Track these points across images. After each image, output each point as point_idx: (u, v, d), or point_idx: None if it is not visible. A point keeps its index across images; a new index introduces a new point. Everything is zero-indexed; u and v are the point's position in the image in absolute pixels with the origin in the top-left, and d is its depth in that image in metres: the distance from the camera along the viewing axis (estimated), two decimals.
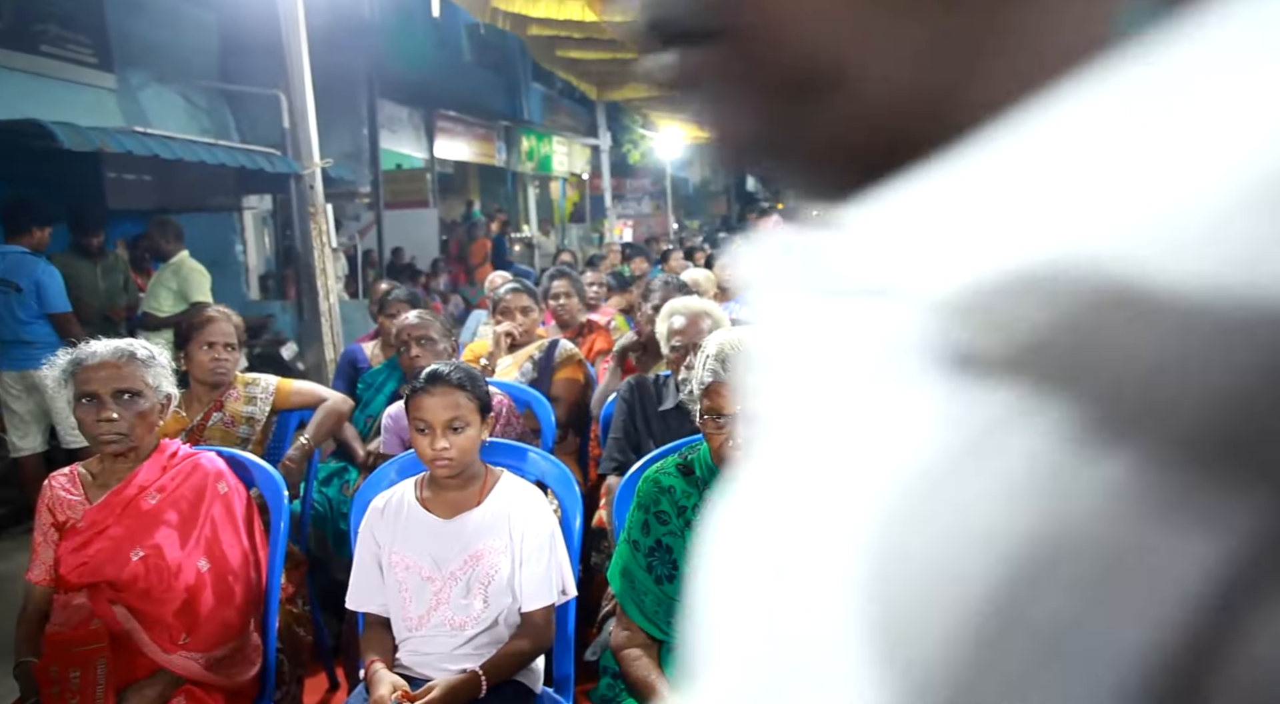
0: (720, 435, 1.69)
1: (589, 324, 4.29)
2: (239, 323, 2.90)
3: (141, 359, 2.03)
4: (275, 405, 2.92)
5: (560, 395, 3.37)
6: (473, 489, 1.98)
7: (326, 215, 4.20)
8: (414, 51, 10.13)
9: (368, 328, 8.04)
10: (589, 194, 18.39)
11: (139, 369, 2.02)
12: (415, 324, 2.77)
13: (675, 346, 2.64)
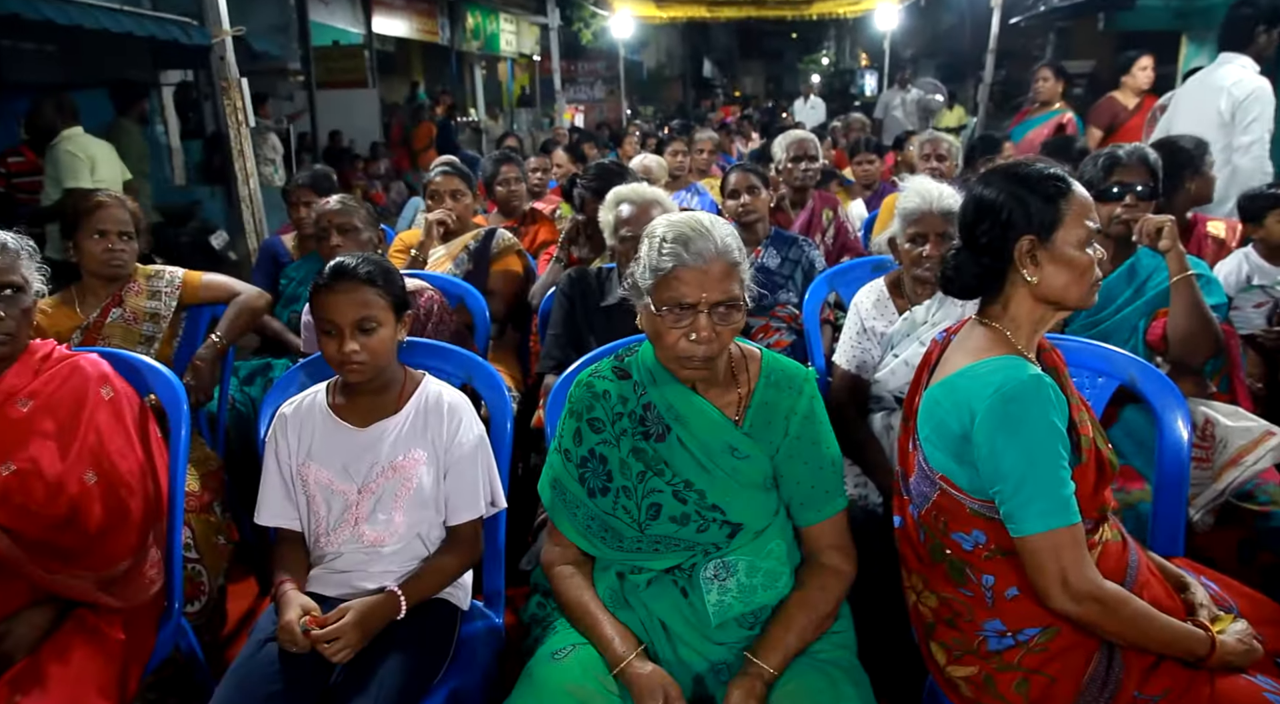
0: (679, 329, 1.51)
1: (532, 213, 4.05)
2: (135, 209, 2.61)
3: (16, 249, 1.77)
4: (183, 300, 2.67)
5: (497, 288, 3.17)
6: (390, 395, 1.80)
7: (242, 90, 3.81)
8: None
9: None
10: (539, 77, 17.56)
11: (17, 260, 1.77)
12: (335, 210, 2.52)
13: (625, 237, 2.44)
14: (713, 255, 1.52)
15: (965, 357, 1.54)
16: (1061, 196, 1.50)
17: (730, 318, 1.53)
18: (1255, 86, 3.63)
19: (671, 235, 1.53)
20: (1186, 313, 2.24)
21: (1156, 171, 2.43)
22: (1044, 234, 1.50)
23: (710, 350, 1.51)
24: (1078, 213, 1.50)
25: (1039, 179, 1.52)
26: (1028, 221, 1.50)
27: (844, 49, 30.24)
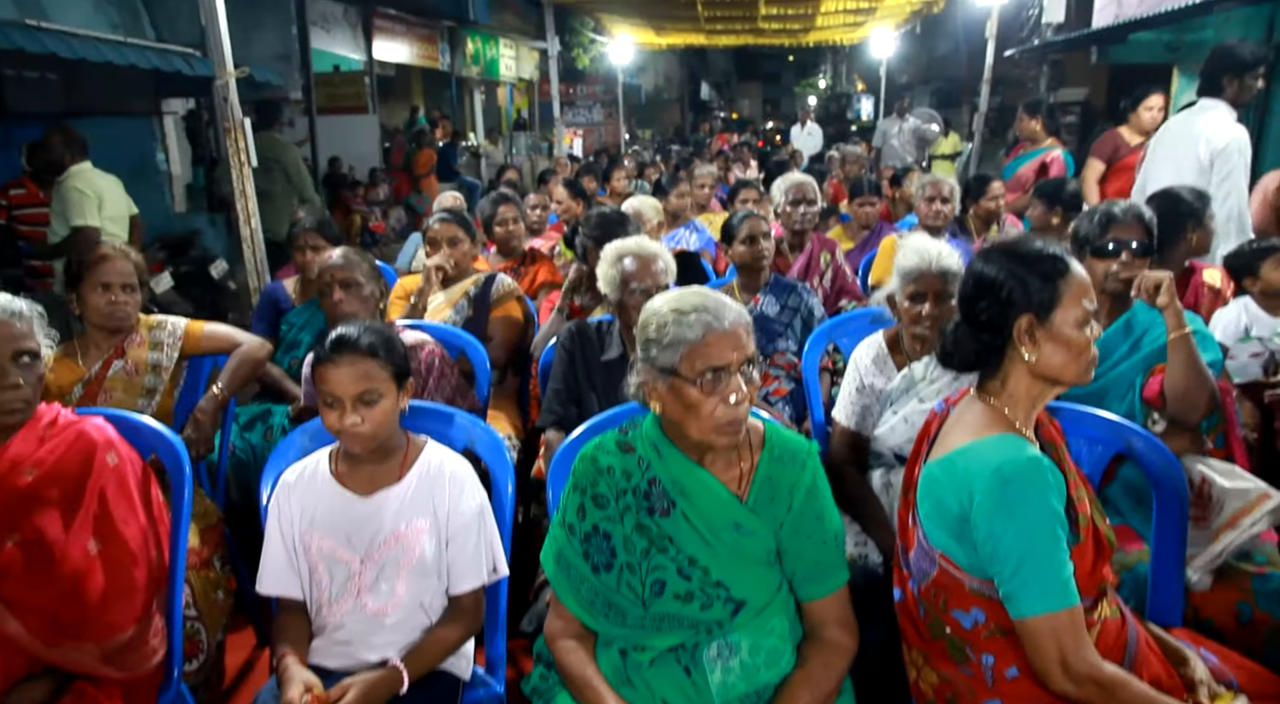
0: (716, 396, 1.50)
1: (531, 253, 4.07)
2: (138, 261, 2.63)
3: (31, 316, 1.79)
4: (185, 350, 2.69)
5: (497, 335, 3.18)
6: (392, 462, 1.80)
7: (245, 131, 3.83)
8: None
9: None
10: (538, 100, 17.67)
11: (33, 326, 1.78)
12: (338, 265, 2.53)
13: (634, 290, 2.44)
14: (734, 317, 1.55)
15: (964, 433, 1.56)
16: (1060, 277, 1.52)
17: (754, 375, 1.56)
18: (1233, 137, 3.67)
19: (688, 306, 1.54)
20: (1184, 371, 2.25)
21: (1152, 229, 2.46)
22: (1043, 313, 1.51)
23: (747, 410, 1.54)
24: (1076, 293, 1.52)
25: (1038, 259, 1.54)
26: (1027, 301, 1.52)
27: (840, 73, 30.48)
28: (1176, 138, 3.92)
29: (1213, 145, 3.67)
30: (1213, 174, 3.68)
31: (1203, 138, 3.71)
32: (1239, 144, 3.67)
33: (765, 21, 11.63)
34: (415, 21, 12.30)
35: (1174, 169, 3.83)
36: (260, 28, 8.65)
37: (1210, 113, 3.79)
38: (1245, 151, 3.69)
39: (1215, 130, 3.70)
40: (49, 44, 5.40)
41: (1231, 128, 3.72)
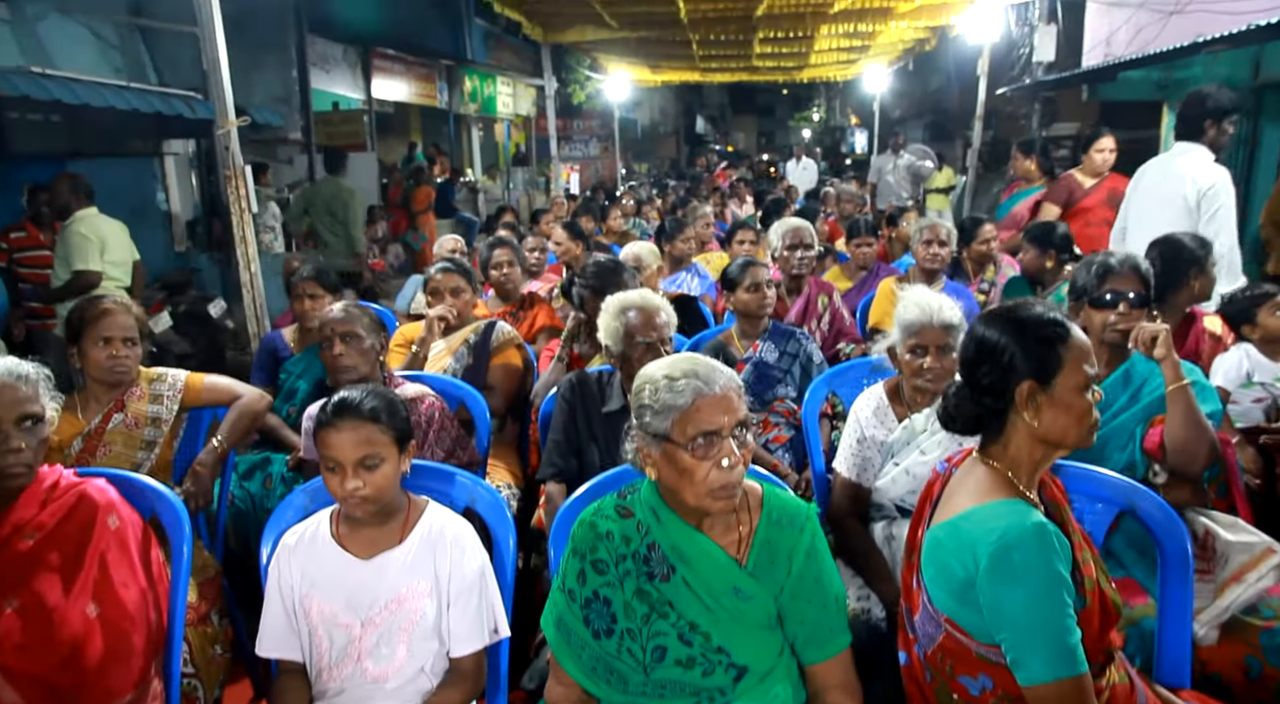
0: (709, 461, 1.50)
1: (530, 297, 4.08)
2: (139, 314, 2.63)
3: (37, 379, 1.79)
4: (184, 403, 2.68)
5: (497, 383, 3.18)
6: (393, 525, 1.80)
7: (245, 178, 3.86)
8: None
9: None
10: (534, 135, 17.84)
11: (38, 390, 1.78)
12: (339, 319, 2.53)
13: (639, 343, 2.44)
14: (724, 381, 1.55)
15: (968, 498, 1.56)
16: (1061, 343, 1.53)
17: (747, 439, 1.55)
18: (1218, 177, 3.73)
19: (679, 372, 1.55)
20: (1183, 423, 2.26)
21: (1149, 280, 2.48)
22: (1045, 379, 1.52)
23: (742, 473, 1.53)
24: (1077, 358, 1.53)
25: (1040, 324, 1.55)
26: (1029, 366, 1.53)
27: (834, 107, 30.84)
28: (1158, 180, 3.97)
29: (1199, 186, 3.71)
30: (1200, 214, 3.72)
31: (1188, 178, 3.75)
32: (1225, 184, 3.72)
33: (760, 59, 11.80)
34: (413, 61, 12.45)
35: (1159, 210, 3.86)
36: (261, 69, 8.74)
37: (1191, 155, 3.84)
38: (1231, 192, 3.74)
39: (1200, 171, 3.75)
40: (54, 91, 5.46)
41: (1215, 168, 3.77)
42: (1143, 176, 4.13)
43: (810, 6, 8.44)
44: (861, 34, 10.25)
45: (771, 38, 10.22)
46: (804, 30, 9.90)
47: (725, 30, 9.90)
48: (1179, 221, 3.75)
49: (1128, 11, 7.39)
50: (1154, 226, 3.91)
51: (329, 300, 3.32)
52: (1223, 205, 3.69)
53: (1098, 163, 5.07)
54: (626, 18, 9.02)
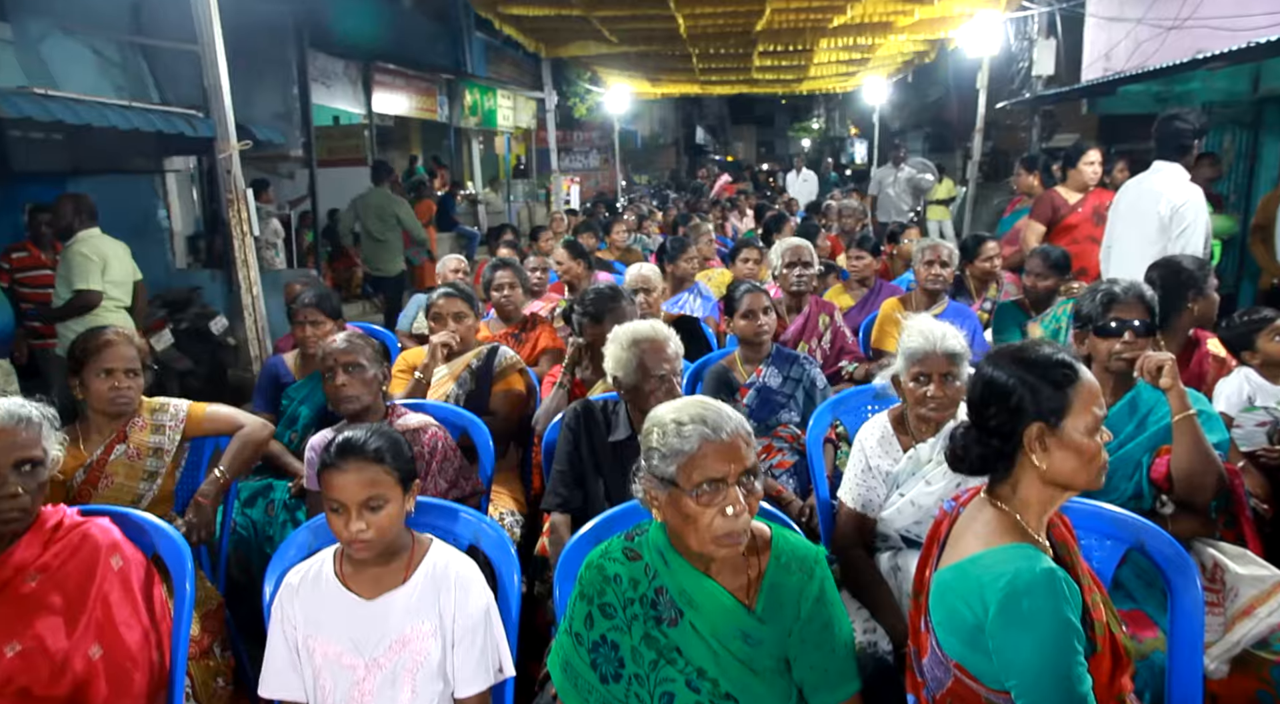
0: (714, 508, 1.50)
1: (532, 318, 4.07)
2: (142, 345, 2.63)
3: (39, 421, 1.77)
4: (187, 433, 2.67)
5: (500, 409, 3.17)
6: (397, 564, 1.78)
7: (247, 202, 3.86)
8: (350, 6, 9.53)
9: None
10: (535, 146, 17.87)
11: (39, 433, 1.77)
12: (342, 349, 2.52)
13: (654, 375, 2.41)
14: (732, 428, 1.54)
15: (976, 541, 1.54)
16: (1070, 384, 1.52)
17: (755, 486, 1.54)
18: (1190, 194, 3.78)
19: (687, 417, 1.54)
20: (1190, 453, 2.25)
21: (1153, 308, 2.47)
22: (1053, 421, 1.51)
23: (747, 522, 1.52)
24: (1086, 400, 1.52)
25: (1049, 366, 1.54)
26: (1038, 408, 1.52)
27: (834, 117, 30.91)
28: (1135, 198, 4.04)
29: (1173, 203, 3.78)
30: (1171, 229, 3.76)
31: (1163, 196, 3.82)
32: (1196, 203, 3.79)
33: (759, 72, 11.83)
34: (414, 75, 12.46)
35: (1137, 227, 3.95)
36: (262, 86, 8.74)
37: (1166, 173, 3.90)
38: (1203, 211, 3.80)
39: (1173, 189, 3.81)
40: (56, 111, 5.46)
41: (1188, 187, 3.84)
42: (1124, 195, 4.19)
43: (810, 21, 8.46)
44: (861, 48, 10.27)
45: (771, 51, 10.24)
46: (803, 44, 9.93)
47: (725, 44, 9.92)
48: (1153, 238, 3.83)
49: (1126, 26, 7.41)
50: (1131, 244, 3.99)
51: (331, 327, 3.32)
52: (1191, 224, 3.75)
53: (1086, 176, 4.94)
54: (626, 33, 9.05)
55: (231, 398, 6.84)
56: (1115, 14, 7.67)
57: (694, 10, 7.93)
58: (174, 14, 6.46)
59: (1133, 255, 3.96)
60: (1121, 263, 4.07)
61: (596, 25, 8.54)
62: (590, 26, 8.58)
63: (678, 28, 8.50)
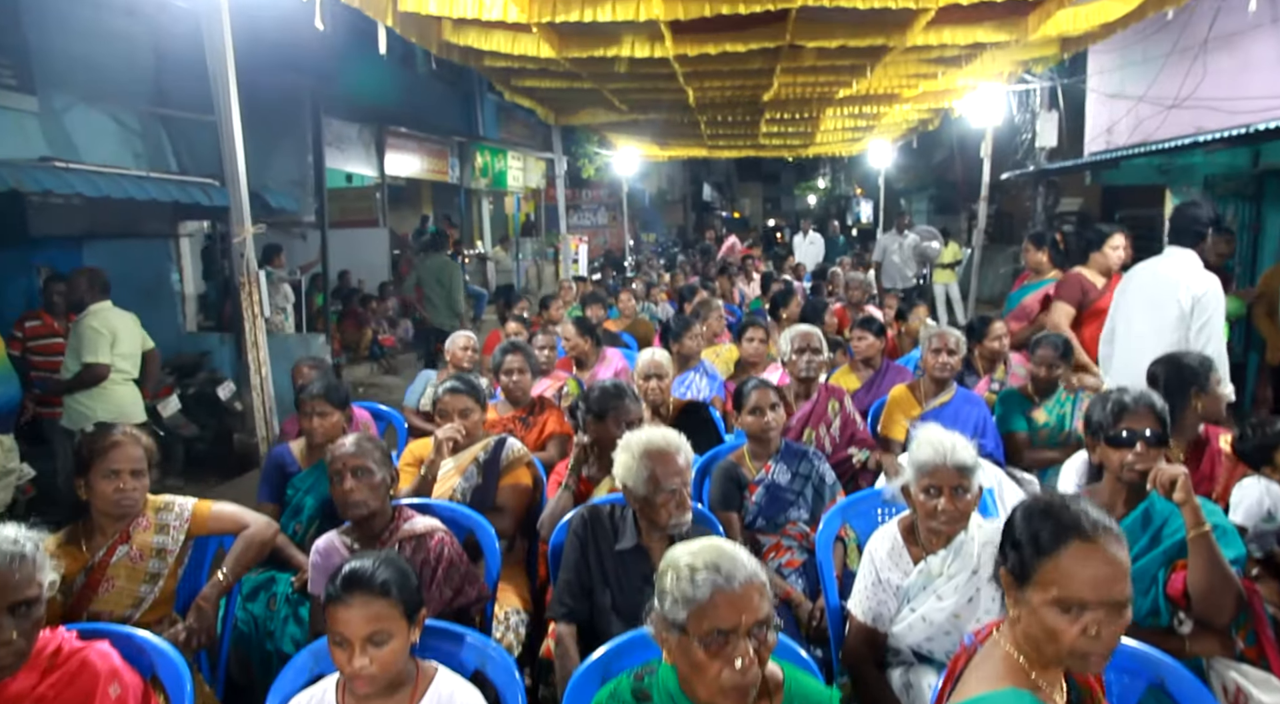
0: (721, 659, 1.46)
1: (540, 402, 4.07)
2: (149, 445, 2.62)
3: (32, 557, 1.75)
4: (191, 532, 2.65)
5: (507, 504, 3.15)
6: (402, 695, 1.75)
7: (259, 286, 3.90)
8: (364, 67, 9.73)
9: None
10: (544, 203, 18.09)
11: (34, 570, 1.74)
12: (350, 453, 2.51)
13: (663, 488, 2.37)
14: (745, 578, 1.52)
15: (978, 683, 1.53)
16: (1042, 554, 1.50)
17: (768, 638, 1.52)
18: (1210, 285, 3.74)
19: (701, 563, 1.53)
20: (1206, 572, 2.21)
21: (1164, 418, 2.45)
22: (1019, 579, 1.52)
23: (756, 675, 1.49)
24: (1063, 575, 1.46)
25: (1042, 524, 1.52)
26: (1010, 559, 1.54)
27: (839, 176, 31.31)
28: (1148, 283, 3.97)
29: (1194, 292, 3.73)
30: (1192, 320, 3.73)
31: (1181, 283, 3.76)
32: (1216, 293, 3.75)
33: (766, 137, 11.98)
34: (427, 137, 12.69)
35: (1151, 314, 3.88)
36: (276, 153, 8.91)
37: (1182, 258, 3.86)
38: (1221, 301, 3.77)
39: (1193, 277, 3.76)
40: (75, 184, 5.58)
41: (1206, 276, 3.79)
42: (1132, 279, 4.14)
43: (817, 93, 8.60)
44: (867, 116, 10.41)
45: (778, 118, 10.39)
46: (810, 112, 10.07)
47: (733, 112, 10.07)
48: (1172, 326, 3.78)
49: (1128, 103, 7.52)
50: (1146, 330, 3.95)
51: (338, 417, 3.32)
52: (1213, 316, 3.72)
53: (1111, 261, 4.86)
54: (636, 102, 9.20)
55: (236, 464, 6.85)
56: (1116, 90, 7.80)
57: (703, 84, 8.08)
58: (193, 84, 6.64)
59: (1147, 344, 3.88)
60: (1132, 350, 4.03)
61: (607, 95, 8.70)
62: (600, 96, 8.74)
63: (686, 98, 8.65)
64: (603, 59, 6.61)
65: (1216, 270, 6.14)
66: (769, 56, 6.89)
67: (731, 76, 7.82)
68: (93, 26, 7.03)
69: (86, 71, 7.14)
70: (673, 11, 5.35)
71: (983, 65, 7.48)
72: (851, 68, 7.58)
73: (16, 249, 6.84)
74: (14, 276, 7.01)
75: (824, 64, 7.35)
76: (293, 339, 8.09)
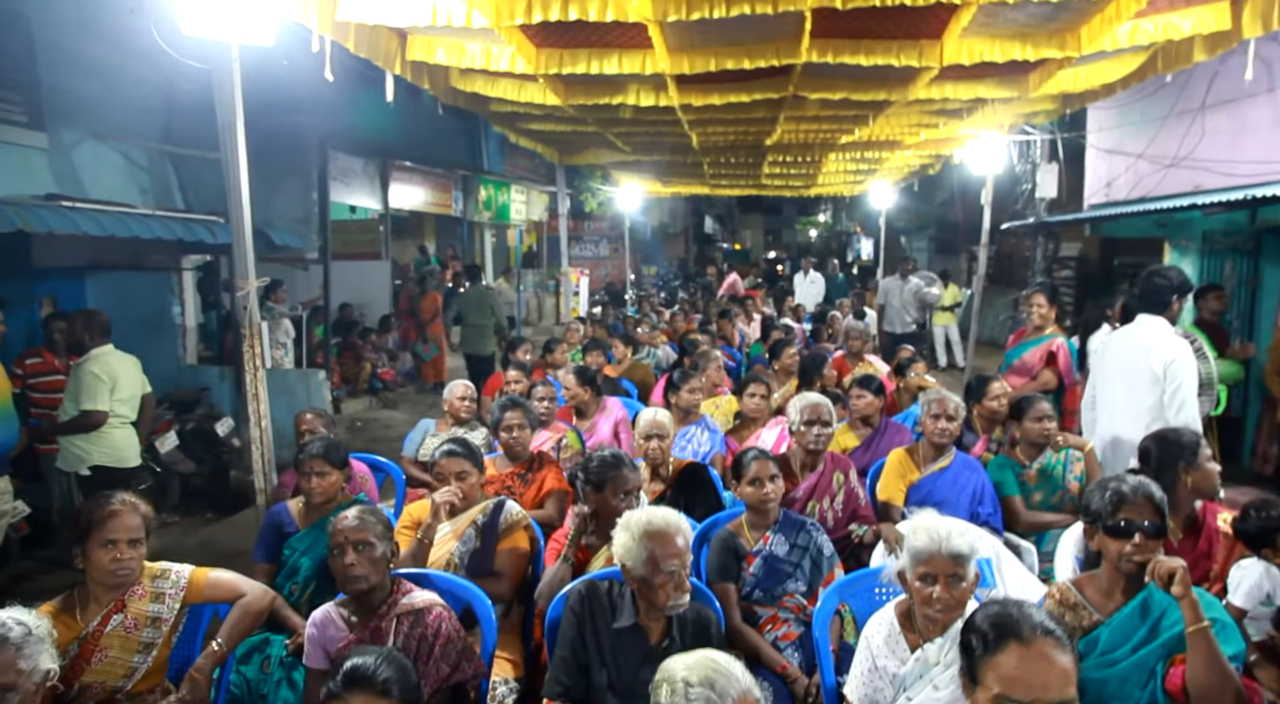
0: None
1: (539, 458, 4.07)
2: (147, 512, 2.62)
3: (15, 642, 1.75)
4: (187, 600, 2.65)
5: (504, 570, 3.14)
6: None
7: (261, 337, 3.92)
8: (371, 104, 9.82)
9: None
10: (546, 234, 18.19)
11: (14, 655, 1.74)
12: (352, 527, 2.51)
13: (664, 571, 2.39)
14: (739, 692, 1.53)
15: None
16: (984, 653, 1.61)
17: None
18: (1180, 350, 3.80)
19: (696, 679, 1.53)
20: (1205, 669, 2.21)
21: (1163, 509, 2.46)
22: (969, 675, 1.58)
23: None
24: (1002, 679, 1.58)
25: (988, 627, 1.69)
26: (969, 660, 1.59)
27: (841, 212, 31.52)
28: (1121, 351, 4.06)
29: (1164, 358, 3.79)
30: (1165, 384, 3.78)
31: (1152, 350, 3.83)
32: (1186, 359, 3.80)
33: (768, 178, 12.10)
34: (431, 171, 12.78)
35: (1126, 381, 3.98)
36: (282, 190, 8.97)
37: (1152, 326, 3.93)
38: (1192, 367, 3.81)
39: (1163, 344, 3.83)
40: (80, 223, 5.62)
41: (1176, 341, 3.86)
42: (1110, 346, 4.23)
43: (820, 138, 8.69)
44: (869, 160, 10.51)
45: (781, 161, 10.50)
46: (813, 156, 10.17)
47: (735, 155, 10.17)
48: (1144, 391, 3.86)
49: (1127, 160, 7.60)
50: (1121, 396, 4.04)
51: (337, 477, 3.32)
52: (1183, 381, 3.77)
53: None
54: (639, 144, 9.30)
55: (232, 501, 6.83)
56: (1115, 146, 7.88)
57: (706, 129, 8.17)
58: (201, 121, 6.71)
59: (1120, 408, 4.03)
60: (1110, 415, 4.13)
61: (610, 138, 8.79)
62: (604, 138, 8.83)
63: (690, 141, 8.74)
64: (607, 106, 6.70)
65: (1212, 326, 6.24)
66: (773, 106, 6.98)
67: (735, 123, 7.91)
68: (104, 66, 7.10)
69: (96, 109, 7.22)
70: (678, 66, 5.43)
71: (984, 117, 7.57)
72: (855, 117, 7.68)
73: (20, 280, 6.87)
74: (18, 308, 7.03)
75: (827, 113, 7.45)
76: (293, 375, 8.10)
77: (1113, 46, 5.00)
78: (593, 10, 4.38)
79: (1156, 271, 4.06)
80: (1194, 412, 3.77)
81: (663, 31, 4.89)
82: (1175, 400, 3.77)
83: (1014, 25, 4.93)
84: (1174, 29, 4.81)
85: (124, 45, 7.24)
